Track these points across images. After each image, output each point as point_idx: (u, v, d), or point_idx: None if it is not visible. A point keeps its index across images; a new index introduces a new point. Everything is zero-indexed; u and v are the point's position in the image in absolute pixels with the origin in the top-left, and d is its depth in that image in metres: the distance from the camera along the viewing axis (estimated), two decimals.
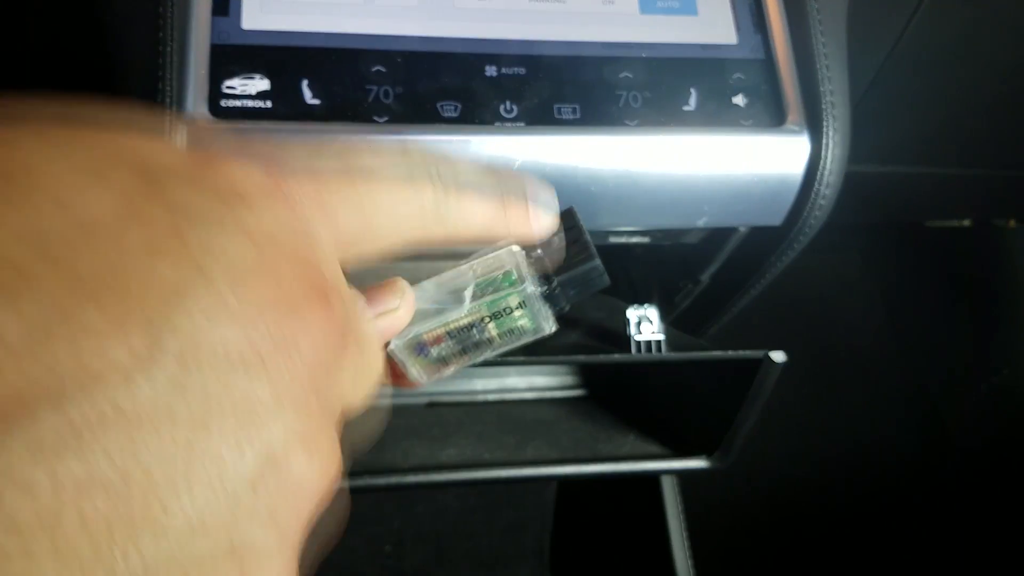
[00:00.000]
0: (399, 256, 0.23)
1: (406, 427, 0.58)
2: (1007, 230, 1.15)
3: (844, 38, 0.50)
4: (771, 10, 0.47)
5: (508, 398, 0.66)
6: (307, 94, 0.40)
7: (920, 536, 0.99)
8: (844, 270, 1.21)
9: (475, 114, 0.41)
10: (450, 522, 0.87)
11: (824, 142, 0.45)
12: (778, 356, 0.46)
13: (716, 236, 0.52)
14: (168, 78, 0.38)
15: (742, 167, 0.44)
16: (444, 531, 0.86)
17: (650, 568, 0.76)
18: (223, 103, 0.38)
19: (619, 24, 0.45)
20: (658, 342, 0.48)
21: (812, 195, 0.45)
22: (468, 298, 0.27)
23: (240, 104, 0.39)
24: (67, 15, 0.48)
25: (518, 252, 0.28)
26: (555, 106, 0.42)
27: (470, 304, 0.27)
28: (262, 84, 0.39)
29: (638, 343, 0.47)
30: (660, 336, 0.48)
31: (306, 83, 0.40)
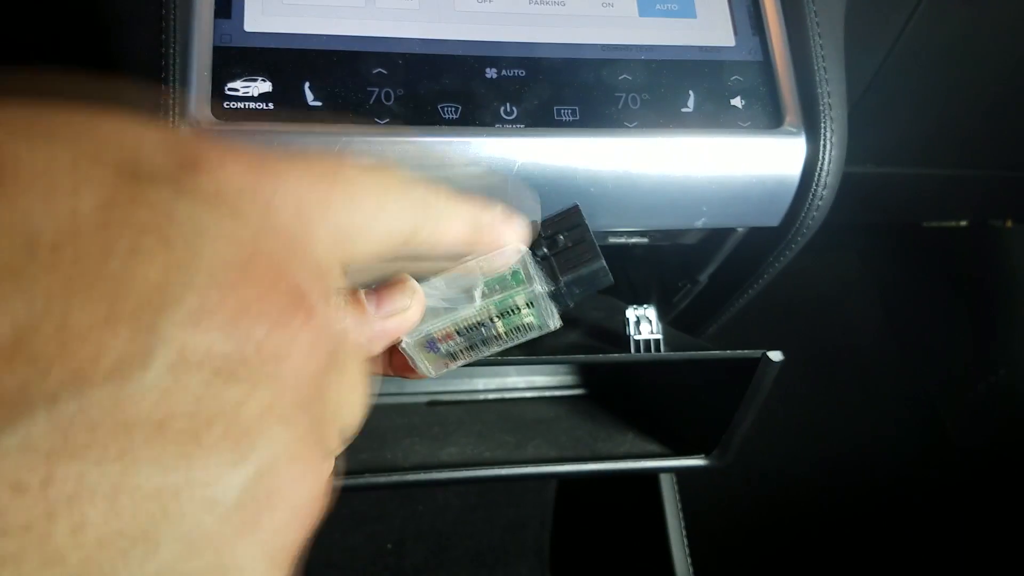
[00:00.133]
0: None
1: (407, 426, 0.58)
2: (1004, 230, 1.16)
3: (842, 40, 0.50)
4: (769, 12, 0.47)
5: (508, 397, 0.67)
6: (309, 96, 0.40)
7: (918, 535, 0.99)
8: (842, 270, 1.21)
9: (475, 116, 0.41)
10: (450, 520, 0.87)
11: (822, 143, 0.45)
12: (776, 355, 0.46)
13: (714, 237, 0.53)
14: (171, 80, 0.38)
15: (740, 168, 0.45)
16: (444, 529, 0.87)
17: (649, 566, 0.76)
18: (226, 105, 0.39)
19: (618, 26, 0.45)
20: (657, 341, 0.48)
21: (810, 196, 0.46)
22: (478, 297, 0.27)
23: (242, 106, 0.39)
24: (70, 16, 0.48)
25: (525, 251, 0.28)
26: (555, 108, 0.43)
27: (480, 303, 0.27)
28: (264, 86, 0.40)
29: (637, 342, 0.48)
30: (659, 336, 0.48)
31: (308, 85, 0.40)
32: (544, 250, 0.29)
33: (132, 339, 0.14)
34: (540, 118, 0.42)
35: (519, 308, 0.28)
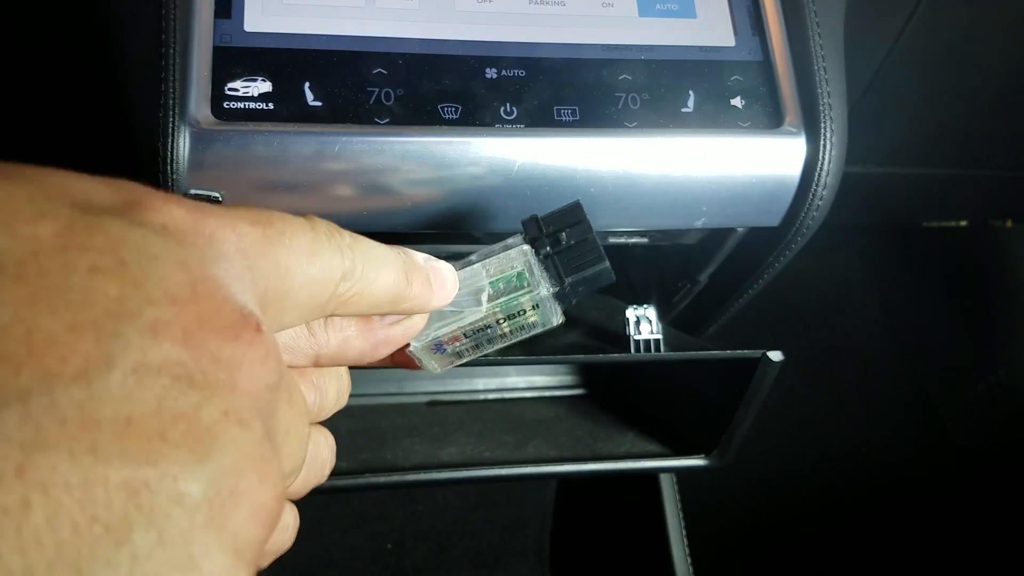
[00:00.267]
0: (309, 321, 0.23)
1: (407, 426, 0.58)
2: (1003, 230, 1.16)
3: (842, 40, 0.50)
4: (769, 12, 0.47)
5: (508, 397, 0.67)
6: (309, 96, 0.40)
7: (918, 535, 0.99)
8: (842, 270, 1.21)
9: (475, 116, 0.41)
10: (450, 520, 0.87)
11: (821, 143, 0.45)
12: (776, 355, 0.46)
13: (714, 237, 0.53)
14: (171, 80, 0.38)
15: (740, 168, 0.45)
16: (444, 529, 0.87)
17: (648, 566, 0.76)
18: (225, 105, 0.39)
19: (618, 26, 0.45)
20: (656, 341, 0.48)
21: (810, 196, 0.46)
22: (485, 301, 0.28)
23: (242, 106, 0.39)
24: (70, 17, 0.48)
25: (529, 251, 0.29)
26: (555, 108, 0.43)
27: (486, 306, 0.28)
28: (264, 86, 0.40)
29: (637, 342, 0.48)
30: (659, 336, 0.48)
31: (308, 85, 0.40)
32: (547, 248, 0.29)
33: (97, 344, 0.15)
34: (540, 118, 0.42)
35: (525, 310, 0.28)
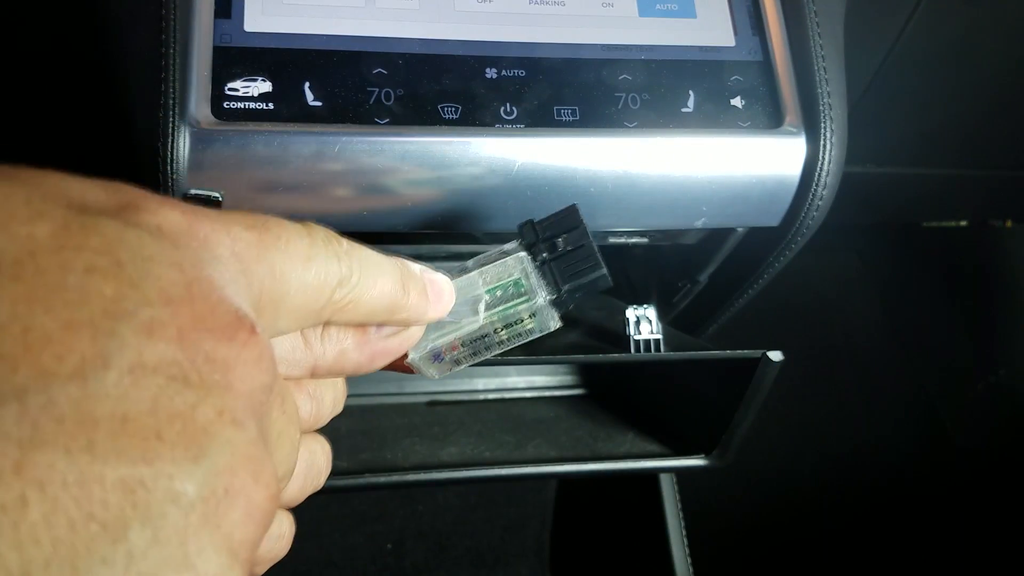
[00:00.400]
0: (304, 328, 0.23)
1: (407, 426, 0.58)
2: (1003, 230, 1.16)
3: (841, 40, 0.50)
4: (769, 12, 0.47)
5: (508, 397, 0.67)
6: (309, 96, 0.40)
7: (918, 535, 0.99)
8: (842, 270, 1.21)
9: (475, 116, 0.41)
10: (450, 520, 0.87)
11: (822, 143, 0.45)
12: (776, 355, 0.46)
13: (714, 237, 0.53)
14: (171, 80, 0.38)
15: (740, 168, 0.45)
16: (444, 529, 0.87)
17: (648, 566, 0.76)
18: (226, 105, 0.39)
19: (618, 26, 0.45)
20: (656, 341, 0.48)
21: (810, 196, 0.46)
22: (482, 311, 0.28)
23: (242, 106, 0.39)
24: (70, 17, 0.48)
25: (526, 259, 0.29)
26: (555, 108, 0.43)
27: (484, 315, 0.28)
28: (264, 86, 0.40)
29: (637, 342, 0.48)
30: (659, 336, 0.48)
31: (308, 85, 0.40)
32: (544, 255, 0.29)
33: (93, 342, 0.15)
34: (540, 118, 0.42)
35: (522, 319, 0.28)
